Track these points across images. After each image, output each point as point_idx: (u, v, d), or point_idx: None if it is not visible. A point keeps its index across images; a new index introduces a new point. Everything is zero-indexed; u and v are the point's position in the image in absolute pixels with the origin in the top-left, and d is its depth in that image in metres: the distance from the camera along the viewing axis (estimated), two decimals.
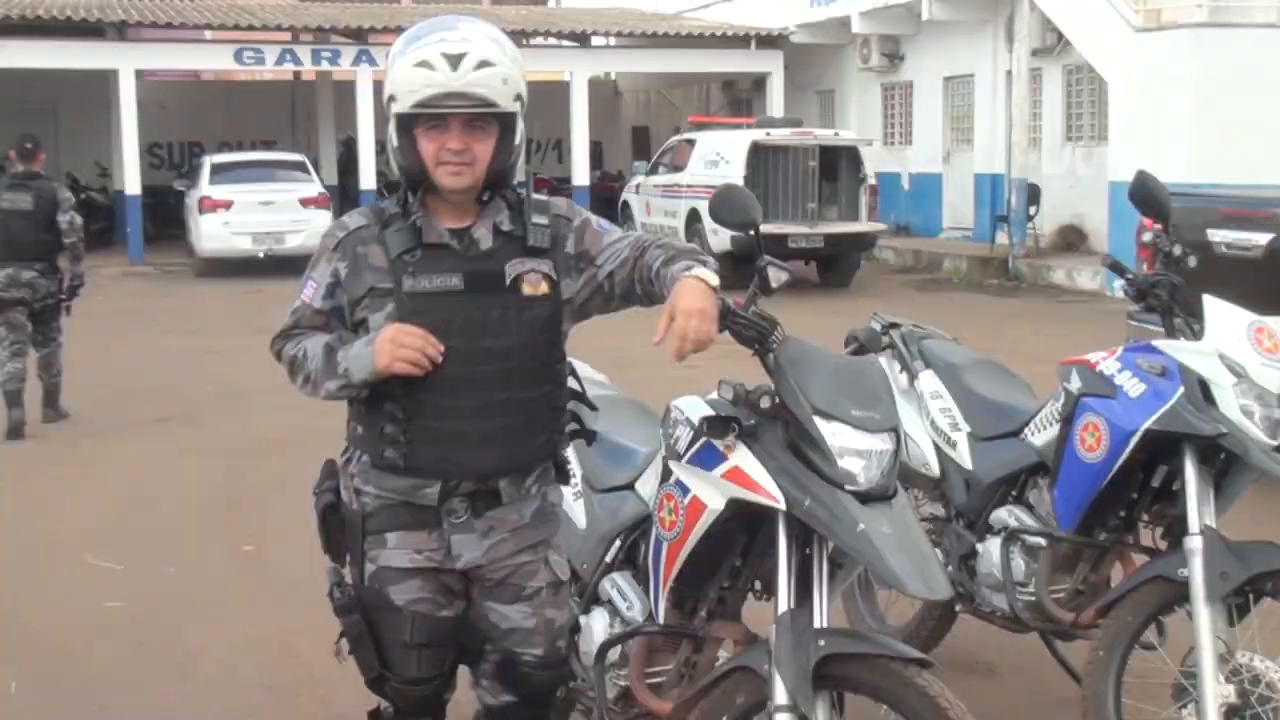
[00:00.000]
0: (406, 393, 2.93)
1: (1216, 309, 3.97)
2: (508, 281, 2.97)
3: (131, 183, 22.77)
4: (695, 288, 2.81)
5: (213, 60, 26.20)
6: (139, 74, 23.39)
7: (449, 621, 3.11)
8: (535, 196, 3.05)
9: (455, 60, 2.80)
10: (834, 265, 18.53)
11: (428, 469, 2.98)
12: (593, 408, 3.84)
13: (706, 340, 2.78)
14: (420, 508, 3.02)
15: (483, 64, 2.82)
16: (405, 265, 2.94)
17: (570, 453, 3.88)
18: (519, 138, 2.97)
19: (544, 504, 3.15)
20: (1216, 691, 3.60)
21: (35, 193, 9.33)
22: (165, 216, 24.40)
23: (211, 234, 19.86)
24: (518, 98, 2.91)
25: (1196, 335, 3.98)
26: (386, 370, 2.86)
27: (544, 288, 3.00)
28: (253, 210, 20.01)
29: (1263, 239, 7.32)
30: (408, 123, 2.89)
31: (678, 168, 19.87)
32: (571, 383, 3.25)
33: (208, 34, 25.35)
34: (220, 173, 20.86)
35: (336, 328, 3.03)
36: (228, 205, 20.02)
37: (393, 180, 3.65)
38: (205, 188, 20.29)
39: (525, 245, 2.99)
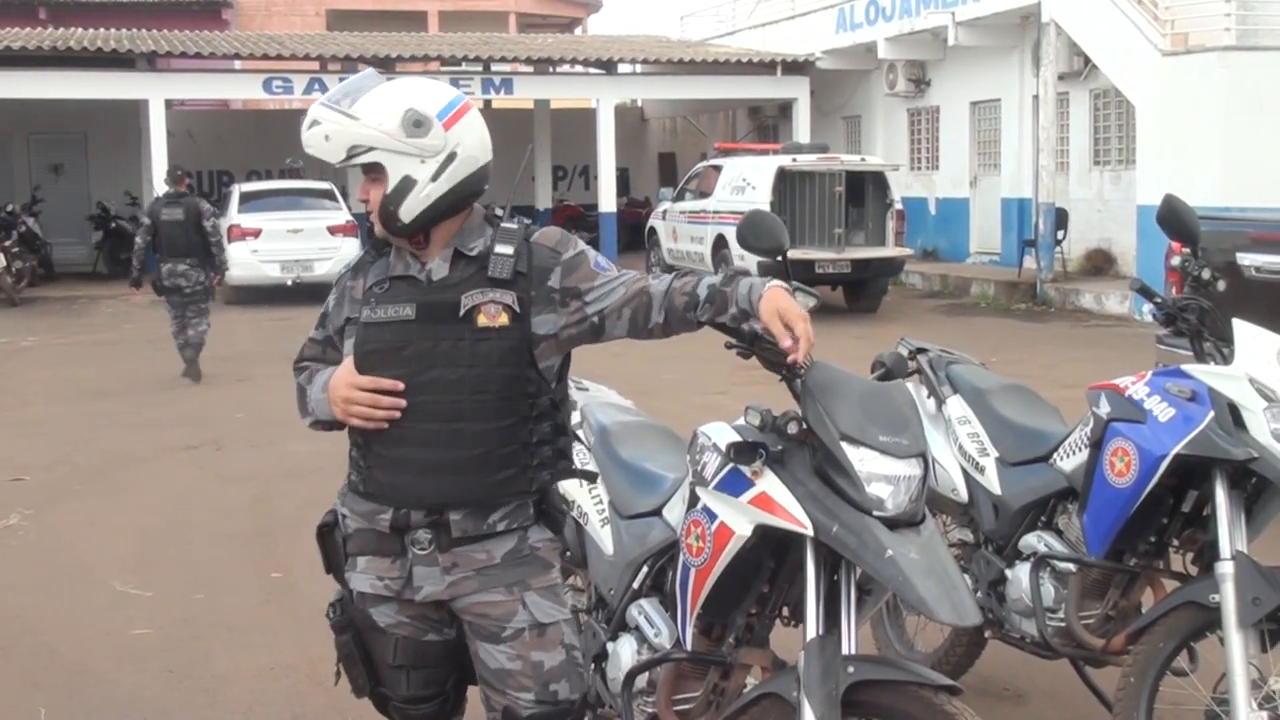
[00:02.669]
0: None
1: (1246, 332, 3.95)
2: (461, 312, 2.97)
3: None
4: (788, 296, 2.90)
5: (241, 90, 26.42)
6: (168, 104, 23.60)
7: (435, 645, 3.13)
8: (506, 225, 3.07)
9: (306, 124, 2.99)
10: (861, 290, 18.52)
11: (379, 495, 3.04)
12: (587, 447, 3.86)
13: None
14: (384, 535, 3.06)
15: (312, 124, 2.98)
16: (372, 295, 3.04)
17: (598, 479, 3.91)
18: (398, 180, 2.96)
19: (520, 545, 3.07)
20: (1250, 718, 3.58)
21: (184, 207, 12.94)
22: None
23: (240, 262, 19.92)
24: (353, 150, 2.95)
25: (1226, 359, 3.96)
26: (345, 422, 3.05)
27: (503, 319, 2.97)
28: (281, 238, 20.17)
29: None
30: None
31: (704, 194, 19.90)
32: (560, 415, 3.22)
33: (237, 64, 25.58)
34: (249, 201, 21.02)
35: (333, 356, 3.13)
36: (256, 233, 20.18)
37: None
38: (234, 216, 20.41)
39: (488, 276, 2.99)
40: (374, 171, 2.99)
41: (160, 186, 22.08)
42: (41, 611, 6.24)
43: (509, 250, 3.01)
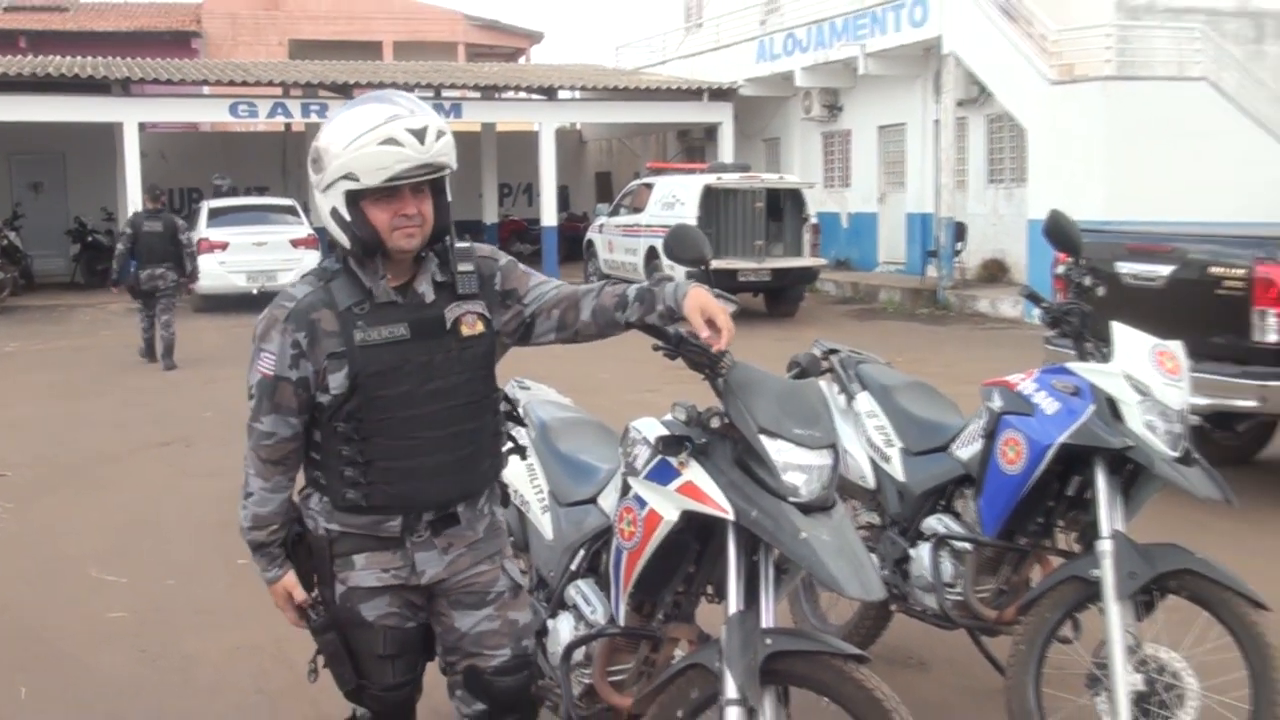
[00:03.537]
0: (363, 438, 2.91)
1: (1123, 334, 4.01)
2: (448, 326, 2.96)
3: None
4: (709, 293, 2.92)
5: (210, 113, 26.06)
6: (141, 126, 23.27)
7: (415, 631, 3.11)
8: (459, 245, 3.04)
9: (420, 135, 2.78)
10: (780, 297, 18.60)
11: (389, 506, 2.95)
12: (521, 423, 3.87)
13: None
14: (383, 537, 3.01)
15: (440, 134, 2.82)
16: (354, 318, 2.89)
17: (538, 470, 3.91)
18: (449, 195, 2.96)
19: (494, 520, 3.16)
20: (1126, 680, 3.63)
21: (163, 221, 14.09)
22: None
23: (209, 272, 19.70)
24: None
25: (1105, 358, 4.02)
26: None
27: (480, 327, 3.00)
28: (247, 250, 19.95)
29: (1164, 270, 7.41)
30: (355, 197, 2.83)
31: (637, 209, 19.89)
32: (504, 403, 3.25)
33: (205, 89, 25.27)
34: (217, 216, 20.74)
35: (301, 395, 2.92)
36: (224, 246, 19.95)
37: None
38: (203, 230, 20.10)
39: (456, 293, 2.98)
40: (425, 186, 2.88)
41: (140, 203, 22.12)
42: (23, 598, 6.13)
43: (470, 267, 3.02)
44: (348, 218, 2.85)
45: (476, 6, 69.13)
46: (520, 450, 3.45)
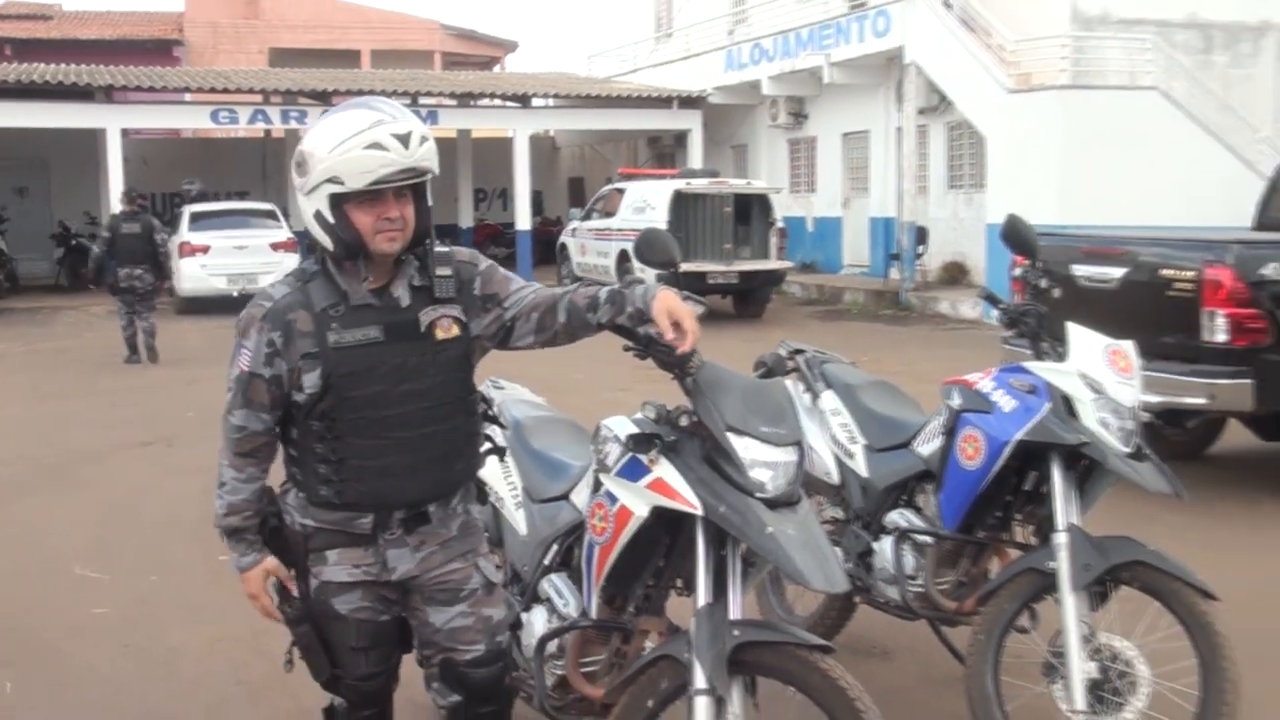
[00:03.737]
0: (336, 437, 2.89)
1: (1078, 334, 4.04)
2: (422, 329, 2.93)
3: None
4: (677, 297, 2.90)
5: (191, 120, 25.88)
6: (124, 132, 23.10)
7: (389, 624, 3.10)
8: (438, 249, 3.01)
9: (405, 140, 2.76)
10: (747, 299, 18.63)
11: (360, 504, 2.94)
12: (503, 426, 3.86)
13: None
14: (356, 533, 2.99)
15: (424, 139, 2.80)
16: (329, 320, 2.88)
17: (512, 467, 3.90)
18: (429, 200, 2.94)
19: (468, 518, 3.12)
20: (1081, 669, 3.66)
21: (140, 223, 14.24)
22: None
23: (191, 275, 19.66)
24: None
25: (1061, 357, 4.04)
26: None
27: (455, 330, 2.97)
28: (228, 254, 19.82)
29: (1117, 273, 7.45)
30: (338, 200, 2.81)
31: (609, 214, 19.89)
32: (481, 405, 3.22)
33: (187, 96, 25.10)
34: (198, 221, 20.60)
35: (274, 392, 2.91)
36: (205, 250, 19.83)
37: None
38: (185, 234, 20.03)
39: (433, 296, 2.96)
40: (407, 191, 2.86)
41: (117, 205, 21.95)
42: (7, 594, 6.07)
43: (448, 271, 2.99)
44: (331, 220, 2.83)
45: (453, 16, 68.98)
46: (499, 451, 3.43)
